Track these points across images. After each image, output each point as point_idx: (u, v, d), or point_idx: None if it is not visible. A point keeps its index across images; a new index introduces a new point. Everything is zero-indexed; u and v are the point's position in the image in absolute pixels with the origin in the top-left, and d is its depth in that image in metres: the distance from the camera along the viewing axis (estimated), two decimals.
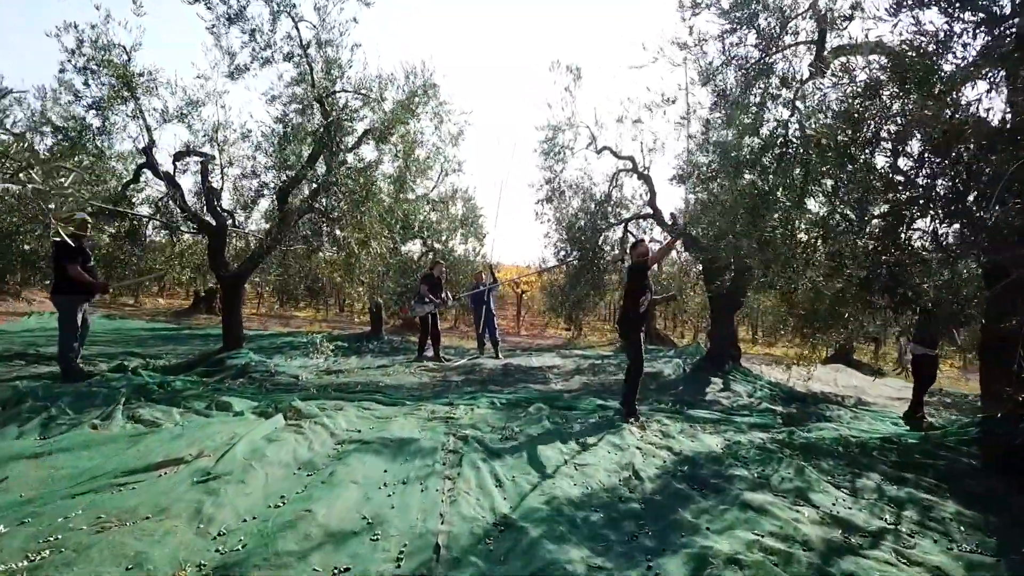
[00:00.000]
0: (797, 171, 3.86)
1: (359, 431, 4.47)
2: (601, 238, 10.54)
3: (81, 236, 5.62)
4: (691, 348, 12.65)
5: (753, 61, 4.90)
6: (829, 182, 3.61)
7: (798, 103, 4.69)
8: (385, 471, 3.50)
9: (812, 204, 4.00)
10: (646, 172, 10.19)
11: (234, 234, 8.13)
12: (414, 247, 12.82)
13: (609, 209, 10.40)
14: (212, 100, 7.11)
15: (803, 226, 3.80)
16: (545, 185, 10.94)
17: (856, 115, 3.47)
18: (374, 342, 11.57)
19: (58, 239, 5.28)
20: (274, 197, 6.46)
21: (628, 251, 5.58)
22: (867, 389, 10.25)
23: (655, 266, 5.24)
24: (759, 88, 4.79)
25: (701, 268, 10.19)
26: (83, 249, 5.68)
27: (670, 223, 10.22)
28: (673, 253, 13.37)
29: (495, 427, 4.71)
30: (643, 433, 4.80)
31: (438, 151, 11.16)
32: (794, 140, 3.95)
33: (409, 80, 7.32)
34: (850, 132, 3.65)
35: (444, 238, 13.12)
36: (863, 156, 3.39)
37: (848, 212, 3.43)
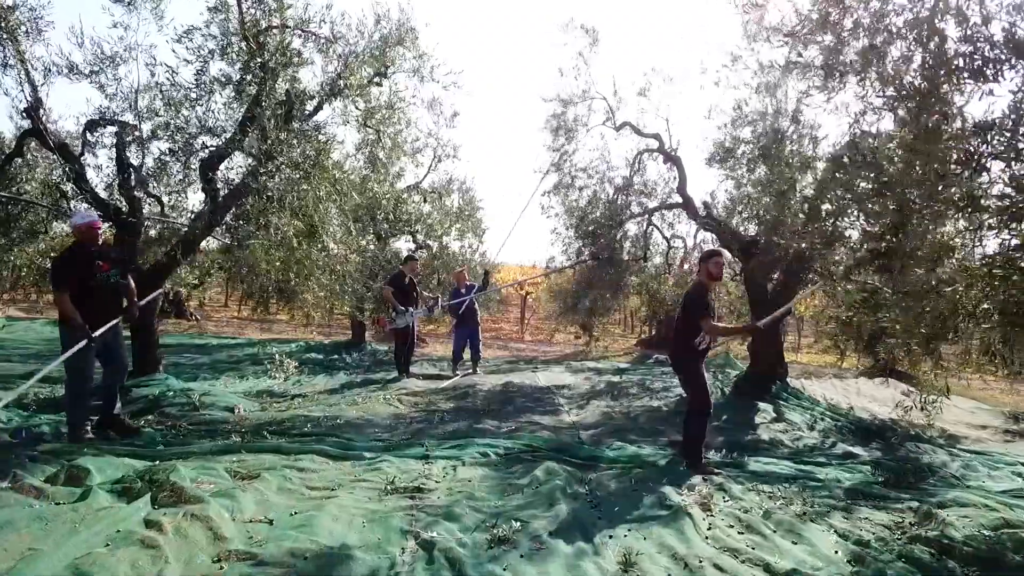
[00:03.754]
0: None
1: (269, 523, 2.85)
2: (620, 232, 8.85)
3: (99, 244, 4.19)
4: (720, 359, 10.97)
5: None
6: None
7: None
8: None
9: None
10: (674, 152, 8.50)
11: (160, 223, 6.46)
12: (403, 244, 11.16)
13: (631, 197, 8.71)
14: (134, 55, 5.47)
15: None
16: (553, 170, 9.20)
17: None
18: (354, 354, 9.99)
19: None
20: (184, 164, 4.75)
21: (697, 264, 4.22)
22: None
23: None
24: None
25: (740, 267, 8.50)
26: (83, 263, 3.99)
27: (703, 214, 8.54)
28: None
29: (484, 512, 3.07)
30: (709, 517, 3.15)
31: (430, 133, 9.63)
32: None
33: (380, 26, 5.69)
34: None
35: (439, 233, 11.44)
36: None
37: None
